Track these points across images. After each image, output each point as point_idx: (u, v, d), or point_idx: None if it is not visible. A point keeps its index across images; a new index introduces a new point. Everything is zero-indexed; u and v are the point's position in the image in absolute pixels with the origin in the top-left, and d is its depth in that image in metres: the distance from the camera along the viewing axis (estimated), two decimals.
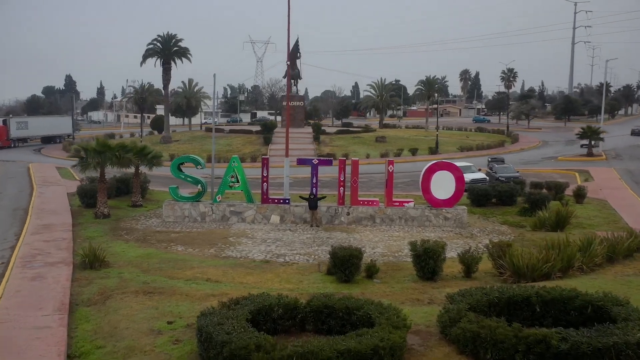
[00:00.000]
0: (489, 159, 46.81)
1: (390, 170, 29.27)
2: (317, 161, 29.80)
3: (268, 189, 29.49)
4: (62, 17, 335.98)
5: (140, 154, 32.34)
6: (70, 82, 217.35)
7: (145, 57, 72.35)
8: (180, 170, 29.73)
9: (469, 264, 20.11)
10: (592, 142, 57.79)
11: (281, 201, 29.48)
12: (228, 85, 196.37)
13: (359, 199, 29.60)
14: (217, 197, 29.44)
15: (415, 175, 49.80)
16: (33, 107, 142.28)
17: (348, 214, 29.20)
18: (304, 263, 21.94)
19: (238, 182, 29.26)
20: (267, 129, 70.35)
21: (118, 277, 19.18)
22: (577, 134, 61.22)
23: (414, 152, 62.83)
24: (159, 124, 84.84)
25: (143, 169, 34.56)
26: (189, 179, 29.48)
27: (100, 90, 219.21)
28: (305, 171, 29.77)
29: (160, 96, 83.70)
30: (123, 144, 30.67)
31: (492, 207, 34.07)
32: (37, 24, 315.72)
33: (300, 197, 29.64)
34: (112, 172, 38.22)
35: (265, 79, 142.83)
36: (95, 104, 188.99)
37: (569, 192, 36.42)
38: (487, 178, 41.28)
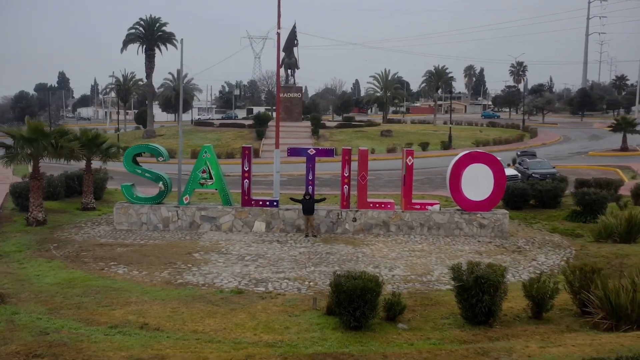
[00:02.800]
0: (518, 153, 40.04)
1: (410, 163, 22.57)
2: (314, 152, 23.07)
3: (250, 188, 22.77)
4: (59, 15, 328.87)
5: (91, 143, 25.67)
6: (63, 79, 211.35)
7: (126, 43, 65.52)
8: (137, 164, 23.01)
9: (539, 299, 13.40)
10: None
11: (267, 203, 22.75)
12: (226, 82, 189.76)
13: (369, 200, 22.89)
14: (183, 199, 22.71)
15: (429, 172, 43.11)
16: (21, 103, 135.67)
17: (354, 220, 22.50)
18: (293, 294, 15.19)
19: (211, 178, 22.53)
20: (260, 122, 63.63)
21: (6, 322, 12.44)
22: (609, 126, 54.50)
23: (424, 146, 56.09)
24: (144, 118, 78.00)
25: (100, 163, 27.90)
26: (147, 174, 22.75)
27: (94, 88, 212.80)
28: (303, 167, 23.25)
29: (147, 87, 76.72)
30: (62, 130, 23.93)
31: (531, 210, 27.45)
32: (33, 21, 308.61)
33: (291, 199, 22.83)
34: (65, 166, 31.56)
35: (263, 72, 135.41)
36: (86, 100, 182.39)
37: (623, 191, 29.73)
38: (520, 175, 34.58)
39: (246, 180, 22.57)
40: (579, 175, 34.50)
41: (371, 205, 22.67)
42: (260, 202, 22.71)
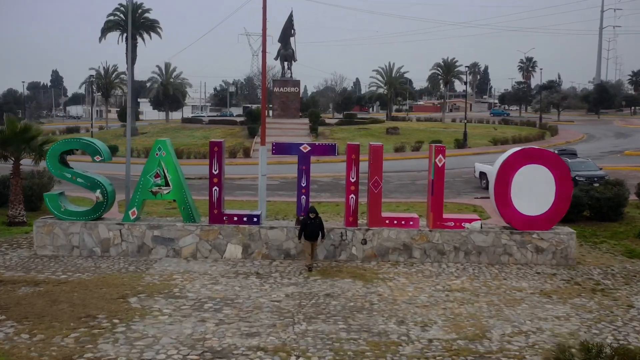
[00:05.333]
0: (555, 152, 33.70)
1: (440, 165, 16.46)
2: (309, 148, 16.95)
3: (222, 198, 16.65)
4: (55, 13, 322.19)
5: (18, 138, 19.60)
6: (57, 78, 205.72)
7: (104, 31, 59.35)
8: (66, 165, 16.90)
9: None
10: None
11: (244, 219, 16.61)
12: (223, 81, 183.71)
13: (384, 215, 16.78)
14: (129, 213, 16.58)
15: (446, 174, 36.92)
16: (9, 102, 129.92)
17: (364, 242, 16.40)
18: None
19: (168, 185, 16.44)
20: (253, 119, 57.53)
21: None
22: None
23: None
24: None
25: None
26: (79, 179, 16.61)
27: (89, 86, 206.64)
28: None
29: (136, 83, 70.36)
30: None
31: (586, 224, 21.41)
32: (28, 19, 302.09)
33: (299, 230, 15.96)
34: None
35: (259, 67, 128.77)
36: (77, 99, 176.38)
37: None
38: None
39: (215, 187, 16.45)
40: (625, 178, 28.31)
41: (387, 221, 16.56)
42: (235, 218, 16.58)
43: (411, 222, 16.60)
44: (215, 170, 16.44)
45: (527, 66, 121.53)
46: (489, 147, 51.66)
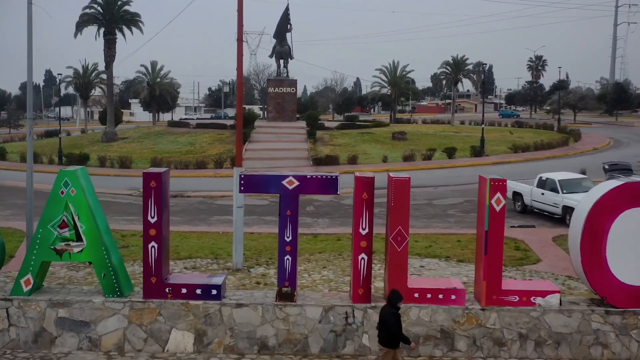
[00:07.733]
0: (606, 166, 27.86)
1: (499, 208, 10.77)
2: (297, 183, 11.16)
3: (163, 259, 10.90)
4: (49, 11, 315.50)
5: None
6: (50, 78, 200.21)
7: (80, 25, 53.47)
8: None
9: None
10: None
11: (197, 292, 10.86)
12: (220, 81, 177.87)
13: (410, 284, 11.06)
14: (22, 282, 10.85)
15: (463, 190, 31.13)
16: None
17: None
18: None
19: (79, 239, 10.73)
20: (244, 122, 51.70)
21: None
22: None
23: (450, 153, 44.15)
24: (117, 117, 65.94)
25: None
26: None
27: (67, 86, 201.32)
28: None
29: (107, 79, 63.87)
30: None
31: None
32: (24, 16, 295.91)
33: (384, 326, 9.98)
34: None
35: (255, 65, 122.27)
36: (68, 99, 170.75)
37: None
38: None
39: (153, 243, 10.71)
40: None
41: (417, 294, 10.85)
42: (184, 290, 10.83)
43: (453, 296, 10.87)
44: (153, 217, 10.69)
45: (537, 65, 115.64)
46: (510, 154, 45.97)
